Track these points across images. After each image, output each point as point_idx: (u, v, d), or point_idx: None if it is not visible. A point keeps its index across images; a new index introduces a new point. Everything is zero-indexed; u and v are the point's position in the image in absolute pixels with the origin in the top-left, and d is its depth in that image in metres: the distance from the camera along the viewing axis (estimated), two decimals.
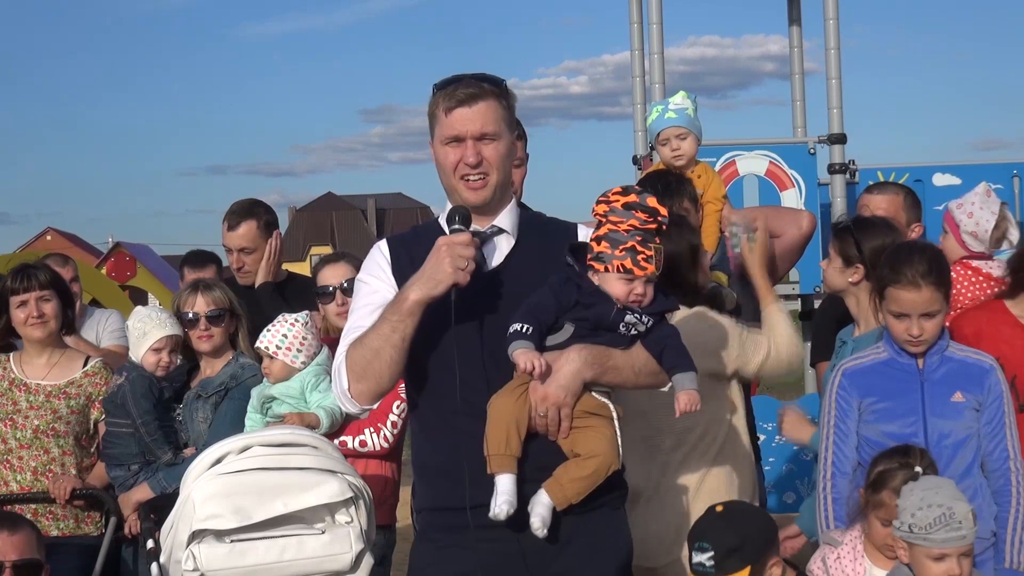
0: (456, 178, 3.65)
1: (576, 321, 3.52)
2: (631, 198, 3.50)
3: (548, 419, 3.48)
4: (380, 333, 3.54)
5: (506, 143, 3.68)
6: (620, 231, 3.49)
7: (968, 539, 3.87)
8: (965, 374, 4.37)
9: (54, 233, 63.37)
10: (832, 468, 4.39)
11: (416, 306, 3.48)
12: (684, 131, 5.20)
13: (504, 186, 3.71)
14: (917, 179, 7.91)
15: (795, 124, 9.10)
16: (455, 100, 3.62)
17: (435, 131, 3.70)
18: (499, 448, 3.45)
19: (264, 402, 5.05)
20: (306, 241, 71.85)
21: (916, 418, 4.32)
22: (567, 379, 3.48)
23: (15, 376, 5.65)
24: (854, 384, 4.42)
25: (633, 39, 8.79)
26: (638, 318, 3.53)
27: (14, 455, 5.54)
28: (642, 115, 8.80)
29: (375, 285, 3.73)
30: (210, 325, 5.39)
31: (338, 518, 4.16)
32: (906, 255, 4.34)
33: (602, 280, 3.51)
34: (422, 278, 3.48)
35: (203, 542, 4.07)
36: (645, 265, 3.47)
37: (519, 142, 4.91)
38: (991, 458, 4.36)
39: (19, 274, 5.62)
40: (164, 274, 16.24)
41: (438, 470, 3.69)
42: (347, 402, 3.67)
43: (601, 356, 3.52)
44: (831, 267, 4.88)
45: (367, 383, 3.60)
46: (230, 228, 6.20)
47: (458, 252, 3.44)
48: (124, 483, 5.32)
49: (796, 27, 9.19)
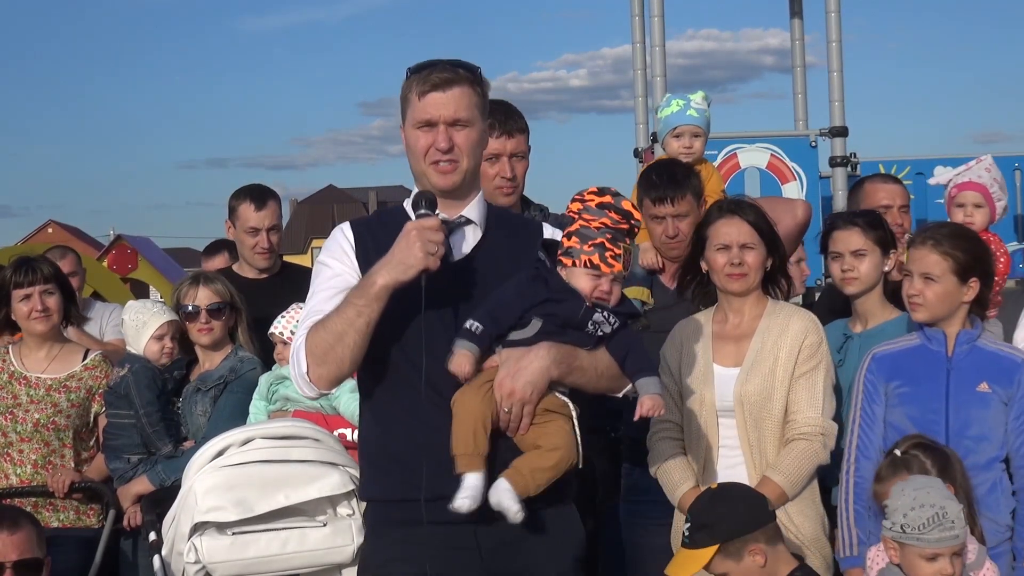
0: (426, 163, 3.61)
1: (545, 316, 3.51)
2: (606, 199, 3.52)
3: (512, 415, 3.45)
4: (344, 317, 3.45)
5: (478, 130, 3.65)
6: (591, 228, 3.50)
7: (960, 538, 3.88)
8: (995, 366, 4.36)
9: (55, 226, 63.22)
10: (856, 452, 4.40)
11: (383, 291, 3.41)
12: (700, 131, 5.33)
13: (474, 174, 3.68)
14: (918, 172, 7.90)
15: (796, 117, 9.09)
16: (429, 84, 3.58)
17: (407, 114, 3.65)
18: (466, 447, 3.42)
19: (273, 384, 5.07)
20: (307, 233, 71.82)
21: (939, 404, 4.33)
22: (535, 375, 3.45)
23: (15, 369, 5.64)
24: (882, 368, 4.44)
25: (634, 32, 8.78)
26: (605, 317, 3.54)
27: (14, 448, 5.54)
28: (643, 108, 8.79)
29: (337, 268, 3.66)
30: (210, 318, 5.40)
31: (339, 510, 4.18)
32: (940, 223, 4.80)
33: (570, 275, 3.52)
34: (391, 262, 3.41)
35: (205, 534, 4.09)
36: (612, 262, 3.48)
37: (521, 136, 4.91)
38: (1018, 454, 4.31)
39: (22, 267, 5.61)
40: (165, 267, 16.19)
41: (394, 460, 3.59)
42: (305, 386, 3.58)
43: (569, 356, 3.51)
44: (868, 262, 4.82)
45: (327, 367, 3.51)
46: (258, 208, 6.03)
47: (428, 236, 3.39)
48: (123, 475, 5.33)
49: (798, 20, 9.18)
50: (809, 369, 4.40)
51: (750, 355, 4.43)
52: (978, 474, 4.24)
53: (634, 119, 8.91)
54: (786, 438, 4.38)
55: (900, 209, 5.60)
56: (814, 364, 4.41)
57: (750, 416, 4.38)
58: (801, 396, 4.38)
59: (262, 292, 5.89)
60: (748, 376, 4.40)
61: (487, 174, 4.68)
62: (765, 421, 4.37)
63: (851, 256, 4.82)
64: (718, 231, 4.50)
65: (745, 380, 4.39)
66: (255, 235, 6.04)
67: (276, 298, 5.58)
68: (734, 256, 4.45)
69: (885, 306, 4.83)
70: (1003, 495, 4.31)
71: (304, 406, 5.01)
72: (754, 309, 4.51)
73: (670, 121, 5.34)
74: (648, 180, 5.02)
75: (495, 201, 4.34)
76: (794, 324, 4.44)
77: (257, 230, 6.03)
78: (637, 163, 8.86)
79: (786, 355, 4.40)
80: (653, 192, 4.94)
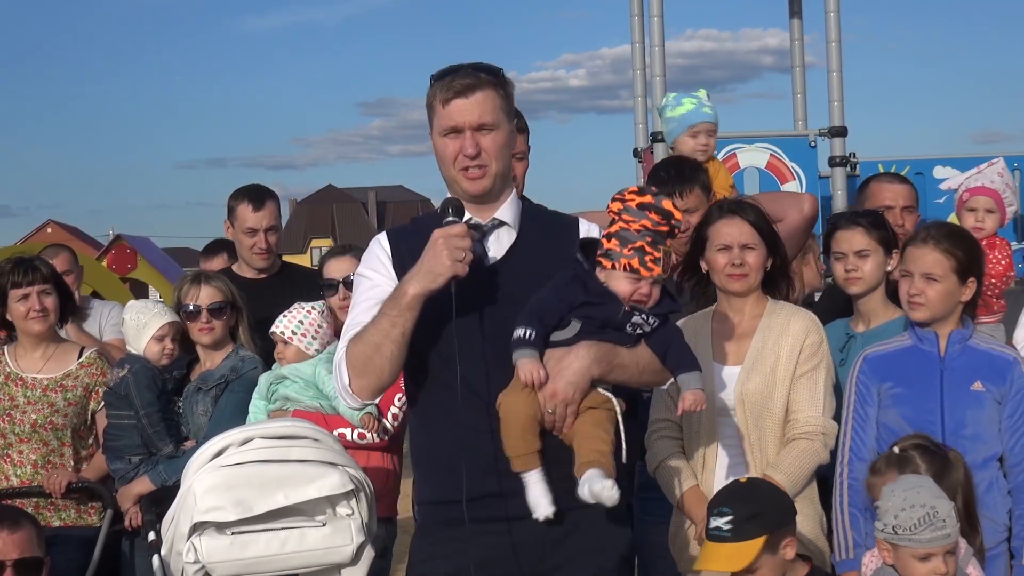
0: (456, 169, 3.63)
1: (583, 319, 3.52)
2: (646, 199, 3.51)
3: (556, 415, 3.48)
4: (380, 328, 3.51)
5: (504, 133, 3.66)
6: (631, 230, 3.49)
7: (952, 537, 3.88)
8: (988, 365, 4.36)
9: (55, 225, 63.23)
10: (850, 453, 4.39)
11: (415, 300, 3.45)
12: (715, 128, 5.38)
13: (504, 176, 3.69)
14: (918, 172, 7.92)
15: (796, 117, 9.11)
16: (452, 91, 3.59)
17: (433, 123, 3.67)
18: (519, 448, 3.46)
19: (272, 383, 5.07)
20: (307, 234, 71.86)
21: (934, 404, 4.32)
22: (576, 376, 3.48)
23: (11, 370, 5.62)
24: (874, 370, 4.43)
25: (634, 32, 8.80)
26: (644, 319, 3.54)
27: (14, 449, 5.54)
28: (643, 108, 8.80)
29: (375, 279, 3.71)
30: (211, 318, 5.38)
31: (339, 510, 4.17)
32: (935, 223, 4.79)
33: (608, 277, 3.52)
34: (420, 272, 3.45)
35: (204, 534, 4.08)
36: (652, 266, 3.48)
37: (521, 136, 4.90)
38: (1012, 453, 4.31)
39: (20, 267, 5.58)
40: (165, 266, 16.21)
41: (437, 463, 3.68)
42: (348, 397, 3.67)
43: (609, 354, 3.53)
44: (871, 262, 4.82)
45: (368, 378, 3.58)
46: (256, 208, 6.00)
47: (455, 244, 3.41)
48: (124, 475, 5.32)
49: (797, 20, 9.20)
50: (810, 368, 4.40)
51: (751, 354, 4.43)
52: (975, 473, 4.23)
53: (633, 119, 8.93)
54: (787, 437, 4.37)
55: (903, 210, 5.60)
56: (815, 363, 4.41)
57: (751, 415, 4.37)
58: (802, 395, 4.38)
59: (261, 292, 5.87)
60: (749, 375, 4.40)
61: None
62: (766, 420, 4.37)
63: (854, 256, 4.82)
64: (719, 231, 4.49)
65: (746, 379, 4.39)
66: (253, 235, 6.02)
67: (275, 298, 5.57)
68: (735, 257, 4.44)
69: (888, 306, 4.83)
70: (1000, 494, 4.31)
71: (304, 405, 5.01)
72: (754, 308, 4.51)
73: (687, 119, 5.34)
74: (656, 176, 5.06)
75: None
76: (795, 324, 4.44)
77: (255, 231, 6.01)
78: (637, 163, 8.88)
79: (787, 354, 4.40)
80: (661, 188, 4.95)
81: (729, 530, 3.85)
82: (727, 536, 3.85)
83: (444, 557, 3.62)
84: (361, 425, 4.92)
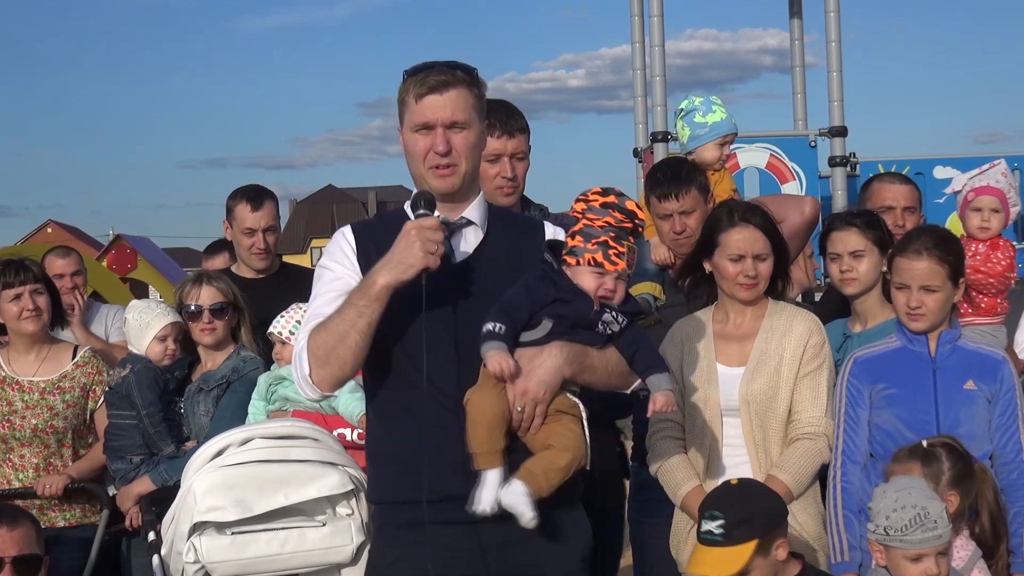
0: (425, 166, 3.60)
1: (555, 317, 3.52)
2: (609, 198, 3.54)
3: (524, 414, 3.46)
4: (345, 318, 3.44)
5: (476, 132, 3.64)
6: (595, 227, 3.51)
7: (944, 537, 3.88)
8: (978, 364, 4.37)
9: (55, 226, 63.22)
10: (843, 456, 4.38)
11: (384, 291, 3.40)
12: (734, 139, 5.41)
13: (473, 175, 3.67)
14: (918, 172, 7.90)
15: (795, 117, 9.09)
16: (426, 87, 3.57)
17: (404, 118, 3.64)
18: (484, 446, 3.42)
19: (272, 384, 5.06)
20: (307, 233, 71.82)
21: (928, 404, 4.33)
22: (548, 375, 3.46)
23: (6, 374, 5.57)
24: (864, 372, 4.43)
25: (634, 32, 8.79)
26: (614, 317, 3.55)
27: (15, 454, 5.52)
28: (643, 108, 8.79)
29: (339, 271, 3.66)
30: (213, 318, 5.38)
31: (339, 510, 4.18)
32: (919, 231, 4.62)
33: (574, 274, 3.53)
34: (391, 262, 3.40)
35: (204, 534, 4.09)
36: (616, 260, 3.50)
37: (522, 136, 4.90)
38: (1003, 452, 4.33)
39: (10, 268, 5.53)
40: (165, 267, 16.19)
41: (396, 461, 3.59)
42: (308, 388, 3.57)
43: (580, 354, 3.52)
44: (866, 262, 4.81)
45: (330, 369, 3.50)
46: (254, 208, 6.00)
47: (427, 236, 3.38)
48: (125, 475, 5.32)
49: (797, 20, 9.18)
50: (813, 369, 4.41)
51: (754, 355, 4.43)
52: None
53: (633, 119, 8.91)
54: (790, 437, 4.38)
55: (904, 210, 5.60)
56: (817, 364, 4.42)
57: (755, 415, 4.38)
58: (805, 396, 4.39)
59: (261, 292, 5.86)
60: (753, 376, 4.40)
61: (488, 174, 4.68)
62: (770, 420, 4.37)
63: (849, 257, 4.81)
64: (731, 239, 4.47)
65: (750, 379, 4.39)
66: (251, 236, 6.02)
67: (275, 298, 5.56)
68: (748, 268, 4.44)
69: (884, 306, 4.82)
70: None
71: (303, 406, 5.01)
72: (756, 309, 4.52)
73: (720, 128, 5.30)
74: (653, 178, 5.06)
75: (496, 201, 4.34)
76: (798, 325, 4.44)
77: (253, 231, 6.00)
78: (636, 163, 8.87)
79: (791, 355, 4.40)
80: (658, 189, 4.97)
81: (721, 534, 3.83)
82: (719, 540, 3.83)
83: (409, 560, 3.54)
84: (361, 425, 4.92)
